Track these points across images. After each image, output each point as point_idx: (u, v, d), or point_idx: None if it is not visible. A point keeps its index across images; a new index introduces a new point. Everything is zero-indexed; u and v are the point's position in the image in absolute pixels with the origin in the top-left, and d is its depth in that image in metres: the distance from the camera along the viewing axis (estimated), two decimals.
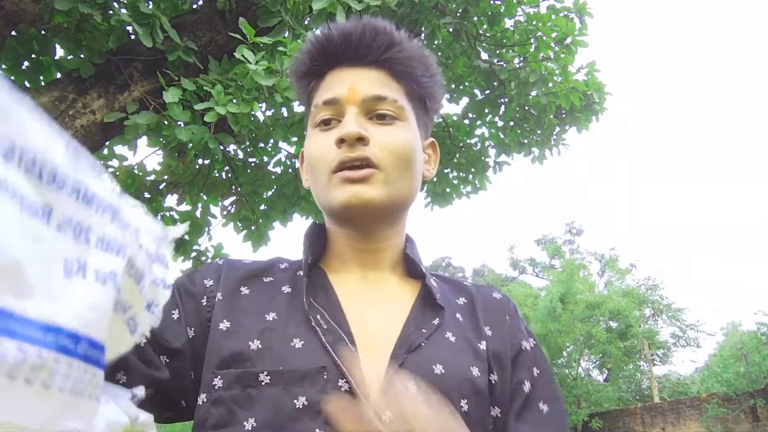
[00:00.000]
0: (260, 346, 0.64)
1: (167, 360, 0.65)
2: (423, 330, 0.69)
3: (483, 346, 0.72)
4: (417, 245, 0.82)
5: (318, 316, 0.67)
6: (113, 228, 0.35)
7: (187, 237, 3.89)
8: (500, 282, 29.28)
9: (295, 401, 0.60)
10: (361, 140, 0.69)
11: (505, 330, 0.75)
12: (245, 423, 0.60)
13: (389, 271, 0.77)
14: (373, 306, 0.71)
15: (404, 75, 0.75)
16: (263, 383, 0.61)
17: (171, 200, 3.93)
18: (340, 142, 0.69)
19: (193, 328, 0.68)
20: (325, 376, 0.61)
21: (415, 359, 0.66)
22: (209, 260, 3.88)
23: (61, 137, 0.32)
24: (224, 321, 0.67)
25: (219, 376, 0.63)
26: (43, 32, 2.97)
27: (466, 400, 0.65)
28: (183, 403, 0.67)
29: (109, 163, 3.76)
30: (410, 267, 0.78)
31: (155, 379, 0.63)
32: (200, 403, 0.64)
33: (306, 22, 3.26)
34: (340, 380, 0.61)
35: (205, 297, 0.70)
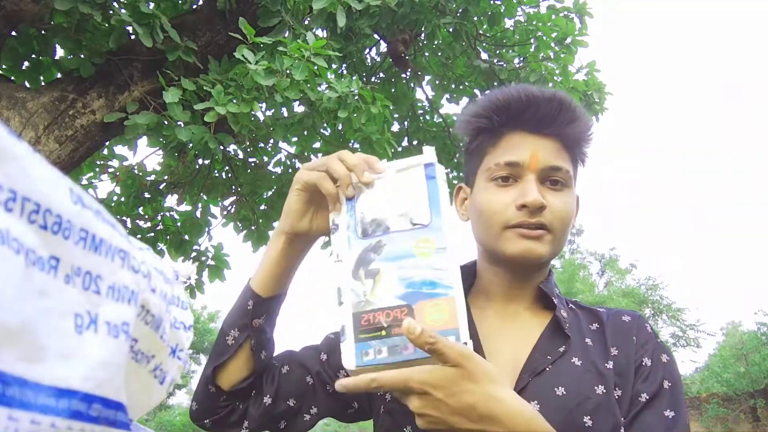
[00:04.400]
0: None
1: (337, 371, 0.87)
2: (548, 357, 0.79)
3: (609, 365, 0.80)
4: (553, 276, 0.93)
5: None
6: (124, 273, 0.33)
7: (187, 237, 3.88)
8: None
9: None
10: (542, 209, 0.79)
11: (630, 348, 0.82)
12: (405, 429, 0.79)
13: (527, 303, 0.87)
14: (507, 337, 0.83)
15: (574, 146, 0.86)
16: None
17: (171, 200, 3.93)
18: (523, 206, 0.79)
19: None
20: None
21: (538, 382, 0.76)
22: (209, 260, 3.88)
23: (64, 180, 0.30)
24: None
25: (389, 393, 0.81)
26: (43, 32, 2.97)
27: (589, 416, 0.73)
28: (355, 404, 0.90)
29: (109, 163, 3.77)
30: (546, 298, 0.87)
31: (327, 381, 0.87)
32: (380, 412, 0.84)
33: (306, 22, 3.26)
34: None
35: None
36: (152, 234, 3.84)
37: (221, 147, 3.00)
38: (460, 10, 3.77)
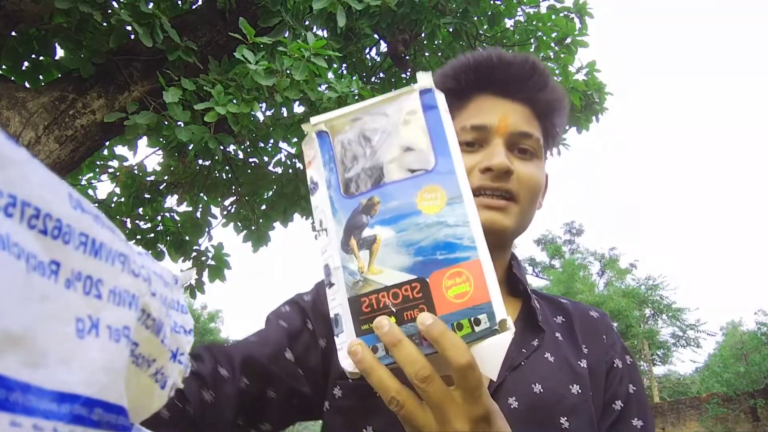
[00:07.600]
0: None
1: (303, 372, 0.72)
2: (523, 350, 0.73)
3: (583, 364, 0.75)
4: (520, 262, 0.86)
5: None
6: (125, 278, 0.33)
7: (187, 237, 3.88)
8: None
9: None
10: (508, 173, 0.73)
11: (600, 348, 0.79)
12: (364, 430, 0.68)
13: None
14: None
15: (546, 116, 0.79)
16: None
17: (171, 200, 3.93)
18: (487, 170, 0.72)
19: (325, 339, 0.75)
20: None
21: (515, 377, 0.71)
22: (209, 260, 3.88)
23: (63, 185, 0.30)
24: None
25: (338, 386, 0.71)
26: (43, 32, 2.97)
27: (565, 417, 0.69)
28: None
29: (109, 163, 3.77)
30: (513, 285, 0.82)
31: (296, 389, 0.71)
32: (325, 409, 0.72)
33: (306, 22, 3.26)
34: None
35: None
36: (152, 235, 3.84)
37: (221, 147, 3.00)
38: (460, 10, 3.77)
